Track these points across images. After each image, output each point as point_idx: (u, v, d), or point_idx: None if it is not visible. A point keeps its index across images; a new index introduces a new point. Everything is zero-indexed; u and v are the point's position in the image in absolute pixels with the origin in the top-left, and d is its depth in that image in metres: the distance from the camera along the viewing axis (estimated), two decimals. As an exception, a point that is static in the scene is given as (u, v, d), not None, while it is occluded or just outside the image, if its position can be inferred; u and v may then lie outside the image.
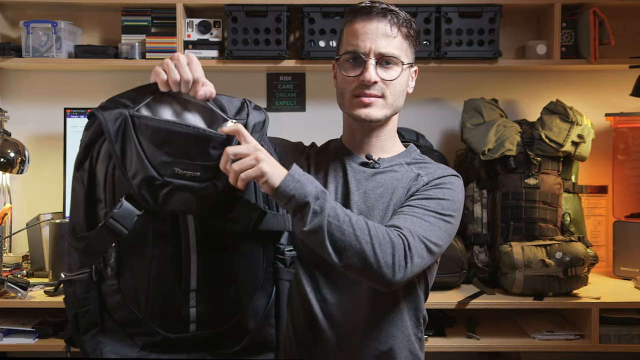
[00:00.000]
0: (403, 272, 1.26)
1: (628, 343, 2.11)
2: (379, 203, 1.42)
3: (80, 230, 1.21)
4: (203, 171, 1.17)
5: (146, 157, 1.14)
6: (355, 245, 1.23)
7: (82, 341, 1.23)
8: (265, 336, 1.30)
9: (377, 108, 1.43)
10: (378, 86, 1.42)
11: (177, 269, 1.21)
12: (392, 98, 1.44)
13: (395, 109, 1.48)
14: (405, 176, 1.45)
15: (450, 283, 2.22)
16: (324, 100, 2.65)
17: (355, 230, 1.23)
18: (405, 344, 1.44)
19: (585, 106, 2.55)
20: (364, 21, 1.42)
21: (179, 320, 1.23)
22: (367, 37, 1.41)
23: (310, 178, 1.24)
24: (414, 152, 1.54)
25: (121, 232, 1.16)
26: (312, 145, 1.62)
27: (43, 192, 2.61)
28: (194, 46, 2.46)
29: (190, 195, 1.17)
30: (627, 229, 2.42)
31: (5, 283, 2.03)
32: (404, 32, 1.44)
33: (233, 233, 1.24)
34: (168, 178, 1.15)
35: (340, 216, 1.23)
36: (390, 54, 1.42)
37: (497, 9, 2.41)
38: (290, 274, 1.33)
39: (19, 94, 2.64)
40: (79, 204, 1.21)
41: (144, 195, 1.15)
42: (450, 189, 1.42)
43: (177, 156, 1.15)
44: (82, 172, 1.21)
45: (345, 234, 1.22)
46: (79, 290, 1.21)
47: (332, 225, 1.22)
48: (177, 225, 1.20)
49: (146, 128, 1.15)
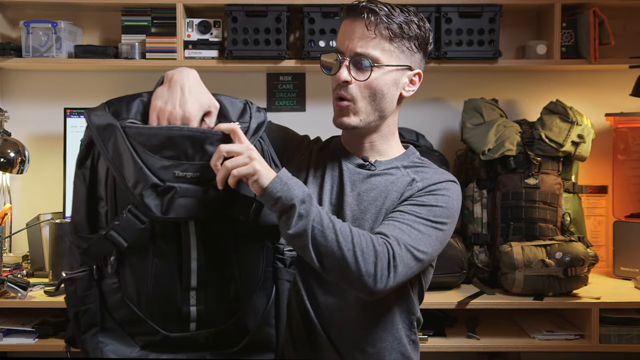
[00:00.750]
0: (385, 281, 1.25)
1: (628, 343, 2.11)
2: (372, 206, 1.41)
3: (82, 229, 1.22)
4: (203, 171, 1.18)
5: (144, 164, 1.14)
6: (337, 252, 1.22)
7: (83, 340, 1.23)
8: (265, 336, 1.30)
9: (349, 115, 1.41)
10: (351, 88, 1.39)
11: (178, 267, 1.22)
12: (364, 102, 1.40)
13: (379, 112, 1.42)
14: (400, 180, 1.43)
15: (450, 283, 2.22)
16: (324, 100, 2.65)
17: (338, 237, 1.22)
18: (396, 346, 1.43)
19: (585, 106, 2.55)
20: (348, 20, 1.41)
21: (179, 319, 1.23)
22: (346, 36, 1.40)
23: (298, 182, 1.23)
24: (413, 154, 1.51)
25: (121, 244, 1.17)
26: (316, 139, 1.61)
27: (43, 192, 2.61)
28: (194, 46, 2.46)
29: (194, 200, 1.17)
30: (627, 229, 2.42)
31: (5, 283, 2.03)
32: (385, 33, 1.37)
33: (233, 232, 1.24)
34: (169, 182, 1.15)
35: (325, 222, 1.22)
36: (366, 54, 1.37)
37: (497, 9, 2.41)
38: (290, 274, 1.33)
39: (19, 94, 2.64)
40: (81, 202, 1.22)
41: (147, 205, 1.15)
42: (445, 195, 1.39)
43: (175, 158, 1.16)
44: (84, 169, 1.22)
45: (328, 240, 1.21)
46: (79, 289, 1.22)
47: (315, 230, 1.21)
48: (177, 223, 1.21)
49: (139, 136, 1.16)
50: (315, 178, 1.49)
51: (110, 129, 1.17)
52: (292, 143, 1.58)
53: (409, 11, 1.42)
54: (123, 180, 1.16)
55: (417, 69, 1.45)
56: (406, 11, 1.41)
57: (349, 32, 1.39)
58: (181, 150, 1.16)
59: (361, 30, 1.37)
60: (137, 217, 1.16)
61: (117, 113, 1.20)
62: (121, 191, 1.18)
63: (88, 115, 1.21)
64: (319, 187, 1.47)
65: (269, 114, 2.64)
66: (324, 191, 1.46)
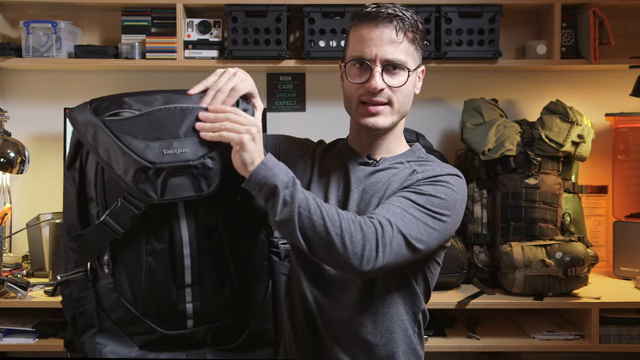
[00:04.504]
0: (374, 262, 1.25)
1: (628, 343, 2.11)
2: (375, 198, 1.42)
3: (74, 231, 1.22)
4: (192, 147, 1.17)
5: (129, 149, 1.15)
6: (324, 236, 1.22)
7: (81, 343, 1.23)
8: (263, 330, 1.31)
9: (384, 116, 1.42)
10: (385, 93, 1.40)
11: (171, 264, 1.22)
12: (398, 104, 1.43)
13: (402, 114, 1.46)
14: (403, 172, 1.45)
15: (450, 283, 2.22)
16: (324, 100, 2.65)
17: (325, 221, 1.22)
18: (403, 338, 1.43)
19: (585, 106, 2.55)
20: (370, 27, 1.40)
21: (175, 316, 1.23)
22: (372, 43, 1.40)
23: (283, 167, 1.23)
24: (419, 151, 1.52)
25: (117, 230, 1.17)
26: (319, 142, 1.62)
27: (43, 192, 2.61)
28: (194, 46, 2.46)
29: (186, 179, 1.17)
30: (627, 229, 2.42)
31: (5, 283, 2.03)
32: (410, 36, 1.41)
33: (225, 227, 1.24)
34: (159, 163, 1.15)
35: (312, 207, 1.22)
36: (397, 60, 1.39)
37: (497, 9, 2.41)
38: (286, 267, 1.33)
39: (19, 94, 2.64)
40: (72, 203, 1.22)
41: (142, 190, 1.15)
42: (446, 187, 1.39)
43: (161, 138, 1.16)
44: (73, 171, 1.22)
45: (315, 225, 1.22)
46: (75, 291, 1.22)
47: (302, 216, 1.21)
48: (169, 220, 1.21)
49: (120, 125, 1.16)
50: (320, 178, 1.50)
51: (92, 124, 1.17)
52: (293, 144, 1.59)
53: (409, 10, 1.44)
54: (113, 170, 1.16)
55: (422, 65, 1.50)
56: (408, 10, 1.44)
57: (375, 38, 1.40)
58: (164, 129, 1.17)
59: (389, 36, 1.39)
60: (132, 203, 1.16)
61: (97, 109, 1.20)
62: (111, 190, 1.18)
63: (71, 113, 1.22)
64: (325, 186, 1.48)
65: (269, 114, 2.66)
66: (330, 189, 1.47)
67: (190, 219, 1.22)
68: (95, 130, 1.17)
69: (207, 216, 1.23)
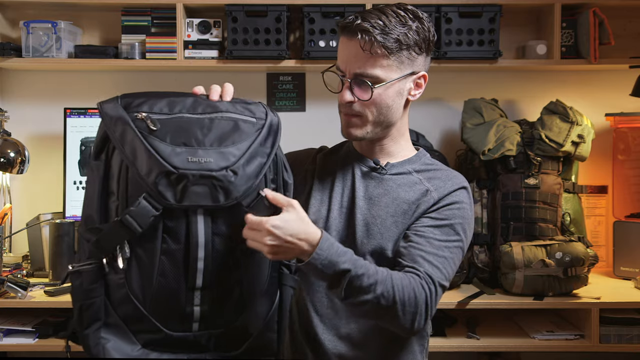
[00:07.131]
0: (423, 323, 1.31)
1: (628, 343, 2.11)
2: (383, 212, 1.42)
3: (92, 223, 1.21)
4: (215, 157, 1.17)
5: (156, 152, 1.15)
6: (380, 310, 1.28)
7: (85, 336, 1.22)
8: (266, 341, 1.30)
9: (356, 127, 1.42)
10: (355, 106, 1.40)
11: (184, 266, 1.21)
12: (373, 116, 1.40)
13: (385, 124, 1.43)
14: (414, 189, 1.43)
15: (450, 283, 2.21)
16: (324, 100, 2.65)
17: (380, 300, 1.26)
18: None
19: (585, 106, 2.55)
20: (344, 39, 1.39)
21: (182, 318, 1.23)
22: (344, 56, 1.40)
23: (338, 249, 1.26)
24: (424, 156, 1.51)
25: (136, 229, 1.16)
26: (320, 148, 1.61)
27: (43, 192, 2.61)
28: (194, 46, 2.46)
29: (206, 188, 1.17)
30: (627, 229, 2.42)
31: (5, 283, 2.03)
32: (381, 52, 1.35)
33: (241, 235, 1.24)
34: (182, 169, 1.15)
35: (364, 284, 1.25)
36: (365, 74, 1.36)
37: (497, 9, 2.41)
38: (295, 280, 1.33)
39: (19, 94, 2.64)
40: (94, 195, 1.21)
41: (161, 193, 1.15)
42: (462, 209, 1.41)
43: (187, 144, 1.16)
44: (99, 162, 1.21)
45: (370, 303, 1.26)
46: (85, 282, 1.21)
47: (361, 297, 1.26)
48: (186, 222, 1.20)
49: (152, 124, 1.16)
50: (322, 183, 1.49)
51: (121, 121, 1.17)
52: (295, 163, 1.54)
53: (406, 16, 1.38)
54: (136, 169, 1.16)
55: (421, 71, 1.44)
56: (402, 17, 1.37)
57: (346, 51, 1.39)
58: (192, 136, 1.17)
59: (356, 50, 1.37)
60: (152, 204, 1.16)
61: (127, 106, 1.20)
62: (133, 187, 1.18)
63: (101, 107, 1.21)
64: (328, 191, 1.48)
65: (269, 114, 2.65)
66: (333, 194, 1.46)
67: (208, 222, 1.21)
68: (124, 128, 1.17)
69: (225, 221, 1.22)
